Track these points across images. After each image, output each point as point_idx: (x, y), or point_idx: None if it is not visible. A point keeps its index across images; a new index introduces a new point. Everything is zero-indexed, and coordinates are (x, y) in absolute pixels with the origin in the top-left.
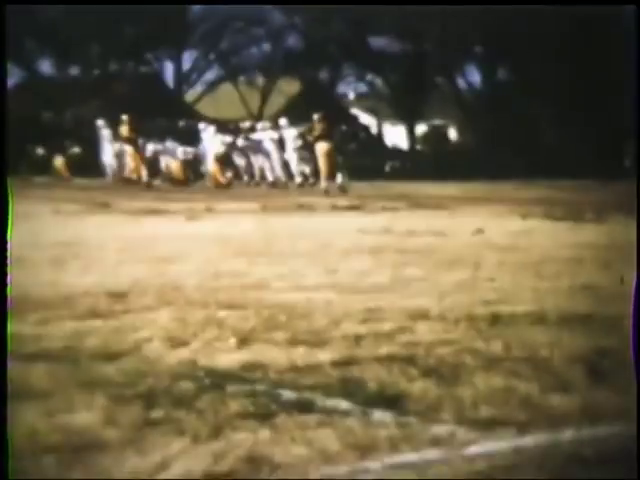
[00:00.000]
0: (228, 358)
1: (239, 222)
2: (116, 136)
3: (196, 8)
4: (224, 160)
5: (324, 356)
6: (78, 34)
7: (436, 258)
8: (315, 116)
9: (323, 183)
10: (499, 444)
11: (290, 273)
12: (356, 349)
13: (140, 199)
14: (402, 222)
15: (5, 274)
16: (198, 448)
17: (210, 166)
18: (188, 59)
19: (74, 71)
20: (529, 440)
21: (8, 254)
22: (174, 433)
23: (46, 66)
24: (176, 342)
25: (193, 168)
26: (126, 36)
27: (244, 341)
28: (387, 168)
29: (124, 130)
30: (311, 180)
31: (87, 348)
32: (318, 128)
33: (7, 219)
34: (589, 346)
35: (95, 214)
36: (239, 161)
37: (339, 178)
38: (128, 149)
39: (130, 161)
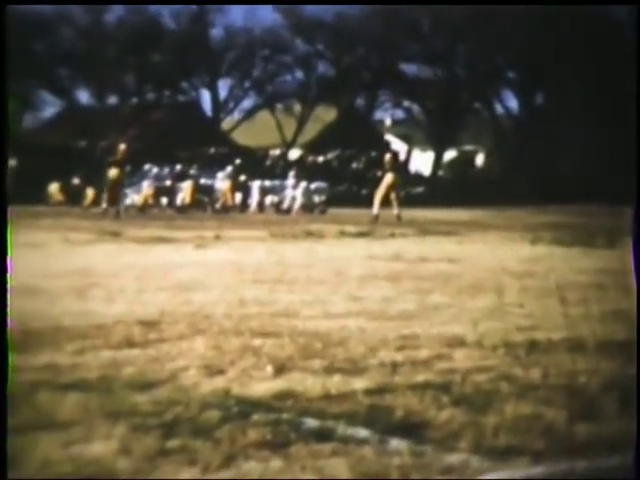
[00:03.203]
0: (263, 387)
1: (249, 249)
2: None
3: (218, 35)
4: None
5: (359, 384)
6: (107, 62)
7: (456, 284)
8: (387, 155)
9: (375, 210)
10: (513, 473)
11: (315, 300)
12: (393, 377)
13: (148, 227)
14: (412, 249)
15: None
16: (207, 478)
17: (222, 186)
18: (224, 87)
19: (112, 100)
20: (542, 469)
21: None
22: (186, 463)
23: (84, 96)
24: (213, 370)
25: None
26: (156, 64)
27: (281, 369)
28: (405, 194)
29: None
30: (320, 207)
31: (123, 377)
32: (389, 162)
33: (6, 249)
34: (627, 374)
35: (106, 243)
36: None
37: (395, 207)
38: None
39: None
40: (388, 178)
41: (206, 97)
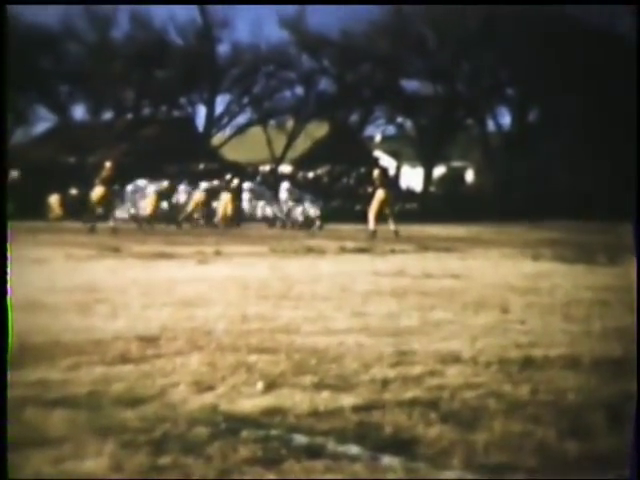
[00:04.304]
0: (251, 403)
1: (251, 265)
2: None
3: (224, 52)
4: (235, 197)
5: (347, 401)
6: (110, 79)
7: (460, 300)
8: (376, 171)
9: (372, 226)
10: None
11: (319, 316)
12: (382, 393)
13: (148, 243)
14: (415, 264)
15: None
16: None
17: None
18: (221, 103)
19: (106, 116)
20: None
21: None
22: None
23: (79, 111)
24: (202, 387)
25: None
26: (158, 80)
27: (271, 385)
28: (399, 210)
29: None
30: (318, 223)
31: (112, 393)
32: (378, 178)
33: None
34: (619, 391)
35: (107, 258)
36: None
37: (391, 223)
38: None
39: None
40: (380, 194)
41: (201, 113)
